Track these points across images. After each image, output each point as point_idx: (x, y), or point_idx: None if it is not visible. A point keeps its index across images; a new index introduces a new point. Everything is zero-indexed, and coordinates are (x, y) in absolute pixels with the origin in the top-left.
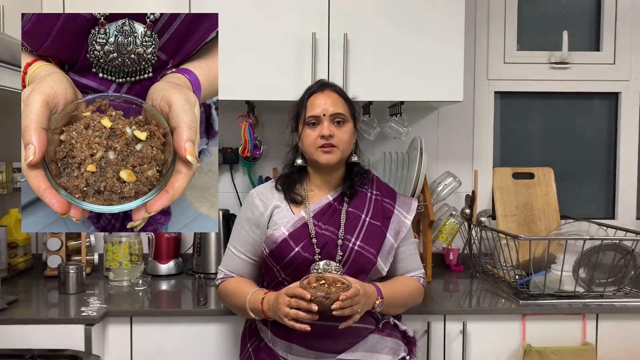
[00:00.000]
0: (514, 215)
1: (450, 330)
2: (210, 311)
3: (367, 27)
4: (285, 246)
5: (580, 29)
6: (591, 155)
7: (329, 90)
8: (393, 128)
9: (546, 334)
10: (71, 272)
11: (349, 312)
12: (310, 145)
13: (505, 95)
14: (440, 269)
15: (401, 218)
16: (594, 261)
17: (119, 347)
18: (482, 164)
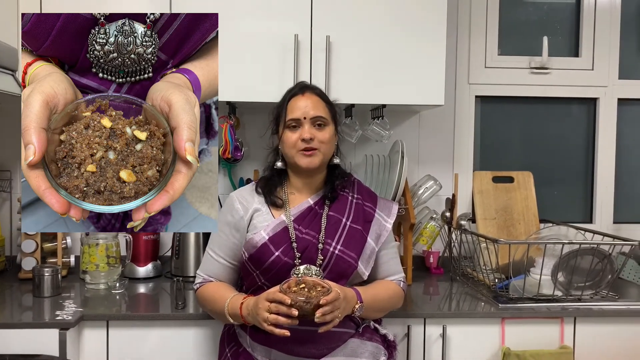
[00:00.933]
0: (494, 218)
1: (430, 334)
2: (188, 315)
3: (350, 29)
4: (265, 250)
5: (560, 35)
6: (570, 159)
7: (310, 93)
8: (375, 131)
9: (525, 338)
10: (46, 274)
11: (329, 318)
12: (290, 148)
13: (486, 100)
14: (421, 272)
15: (382, 222)
16: (572, 265)
17: (95, 352)
18: (462, 167)
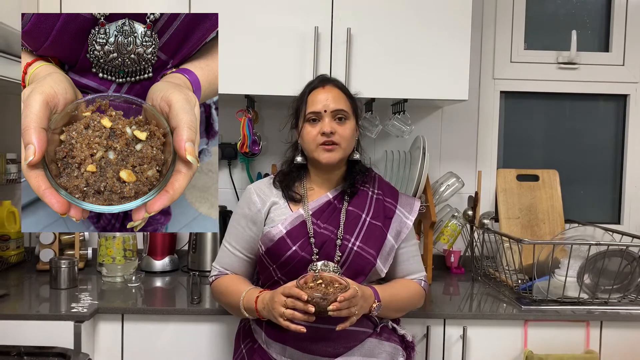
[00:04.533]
0: (518, 218)
1: (450, 335)
2: (204, 310)
3: (371, 22)
4: (282, 244)
5: (590, 29)
6: (598, 158)
7: (331, 86)
8: (396, 126)
9: (549, 341)
10: (63, 266)
11: (345, 314)
12: (310, 142)
13: (511, 95)
14: (441, 272)
15: (403, 218)
16: (599, 267)
17: (110, 345)
18: (485, 164)
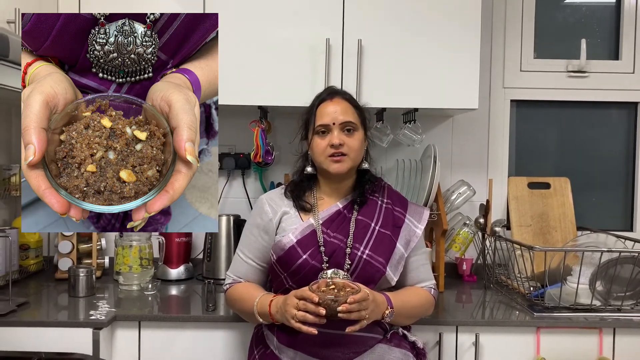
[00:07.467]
0: (529, 225)
1: (462, 342)
2: (218, 317)
3: (382, 33)
4: (293, 253)
5: (599, 37)
6: (609, 165)
7: (339, 98)
8: (407, 135)
9: (561, 348)
10: (81, 275)
11: (355, 317)
12: (320, 154)
13: (521, 104)
14: (453, 279)
15: (412, 227)
16: (612, 274)
17: (127, 351)
18: (497, 172)
